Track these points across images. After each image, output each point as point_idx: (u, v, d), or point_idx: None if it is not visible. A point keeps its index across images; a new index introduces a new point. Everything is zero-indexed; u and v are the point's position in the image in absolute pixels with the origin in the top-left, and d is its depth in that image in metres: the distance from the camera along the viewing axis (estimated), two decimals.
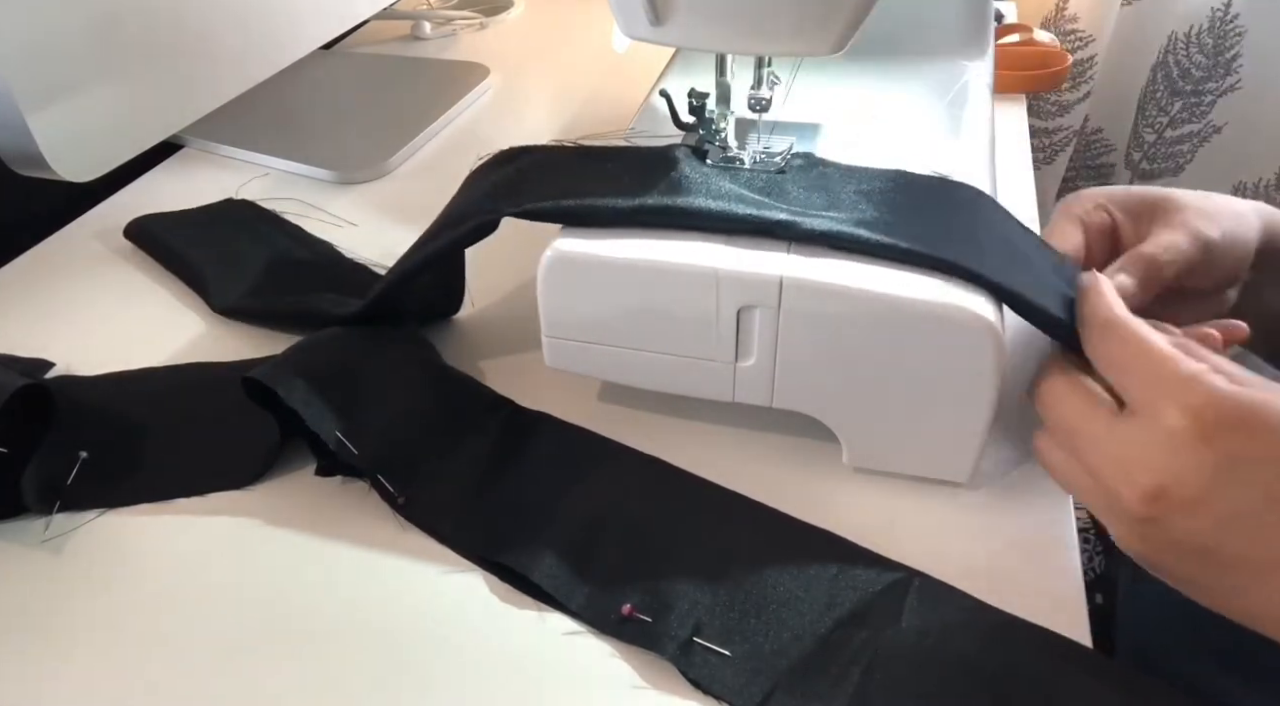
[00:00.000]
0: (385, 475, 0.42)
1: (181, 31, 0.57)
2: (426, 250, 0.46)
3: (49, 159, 0.49)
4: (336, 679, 0.36)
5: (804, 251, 0.40)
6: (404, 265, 0.47)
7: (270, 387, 0.42)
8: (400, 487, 0.42)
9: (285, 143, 0.71)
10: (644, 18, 0.41)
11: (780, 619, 0.37)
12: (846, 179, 0.43)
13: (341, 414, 0.42)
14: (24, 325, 0.55)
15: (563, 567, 0.39)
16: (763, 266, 0.39)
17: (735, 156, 0.46)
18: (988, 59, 0.56)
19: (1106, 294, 0.37)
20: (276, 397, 0.42)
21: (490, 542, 0.40)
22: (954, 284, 0.38)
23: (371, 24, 0.93)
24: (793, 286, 0.39)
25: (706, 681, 0.35)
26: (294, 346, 0.46)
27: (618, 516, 0.41)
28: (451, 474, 0.43)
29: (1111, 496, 0.33)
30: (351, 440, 0.42)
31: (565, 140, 0.48)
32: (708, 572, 0.39)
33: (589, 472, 0.44)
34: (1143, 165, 1.17)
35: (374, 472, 0.42)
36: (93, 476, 0.44)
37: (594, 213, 0.42)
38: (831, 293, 0.38)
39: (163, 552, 0.41)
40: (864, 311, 0.38)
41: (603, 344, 0.43)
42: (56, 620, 0.39)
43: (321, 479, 0.44)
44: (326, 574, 0.40)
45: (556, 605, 0.38)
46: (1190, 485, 0.31)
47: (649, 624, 0.37)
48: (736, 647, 0.36)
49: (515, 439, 0.45)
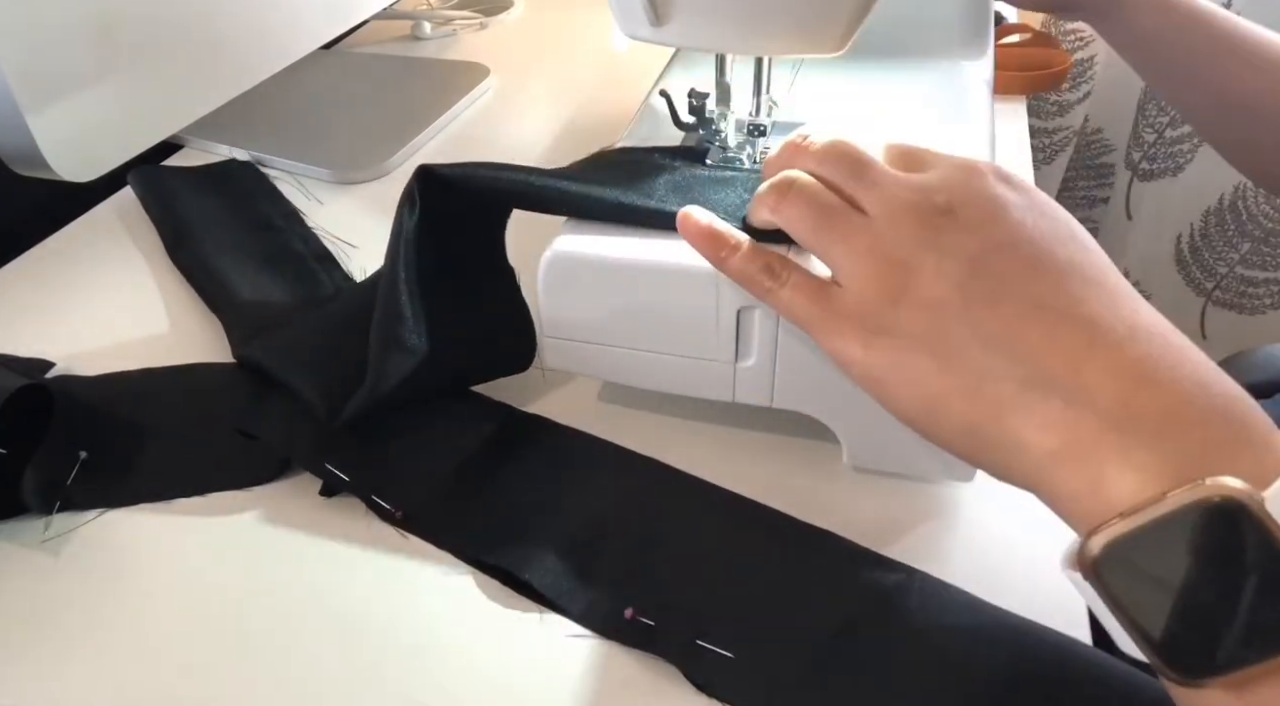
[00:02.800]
0: (379, 493, 0.42)
1: (181, 31, 0.57)
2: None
3: (49, 159, 0.49)
4: (337, 680, 0.36)
5: (804, 251, 0.40)
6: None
7: (253, 436, 0.43)
8: (397, 501, 0.42)
9: (285, 142, 0.71)
10: (644, 18, 0.41)
11: (783, 620, 0.37)
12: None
13: (329, 440, 0.43)
14: (24, 325, 0.55)
15: (564, 572, 0.39)
16: None
17: (735, 157, 0.46)
18: (988, 59, 0.56)
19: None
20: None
21: (491, 547, 0.40)
22: None
23: (371, 24, 0.93)
24: None
25: (710, 683, 0.35)
26: (278, 373, 0.47)
27: (619, 519, 0.41)
28: (449, 481, 0.43)
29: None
30: (339, 461, 0.42)
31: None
32: (710, 574, 0.39)
33: (589, 476, 0.44)
34: (1143, 165, 1.17)
35: (368, 494, 0.42)
36: (93, 476, 0.44)
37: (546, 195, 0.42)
38: None
39: (163, 553, 0.41)
40: None
41: (602, 344, 0.43)
42: (56, 620, 0.39)
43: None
44: (327, 575, 0.40)
45: (558, 609, 0.38)
46: (924, 267, 0.31)
47: (652, 627, 0.37)
48: (739, 649, 0.36)
49: (513, 443, 0.45)
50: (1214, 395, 0.27)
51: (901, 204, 0.32)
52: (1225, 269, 1.19)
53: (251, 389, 0.48)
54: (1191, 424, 0.27)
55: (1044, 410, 0.28)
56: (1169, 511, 0.25)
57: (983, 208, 0.32)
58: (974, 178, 0.33)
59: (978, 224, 0.31)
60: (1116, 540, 0.26)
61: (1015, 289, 0.30)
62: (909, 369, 0.31)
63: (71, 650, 0.38)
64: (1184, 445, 0.26)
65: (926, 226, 0.32)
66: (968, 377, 0.30)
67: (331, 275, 0.57)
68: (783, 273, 0.34)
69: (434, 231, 0.43)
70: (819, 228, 0.33)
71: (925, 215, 0.32)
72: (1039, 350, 0.29)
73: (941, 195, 0.32)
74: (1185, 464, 0.26)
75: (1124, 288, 0.30)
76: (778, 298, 0.34)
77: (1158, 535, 0.25)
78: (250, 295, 0.54)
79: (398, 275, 0.43)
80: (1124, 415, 0.27)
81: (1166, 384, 0.27)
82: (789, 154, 0.36)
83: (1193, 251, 1.21)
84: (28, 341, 0.53)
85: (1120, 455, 0.27)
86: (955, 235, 0.31)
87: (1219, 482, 0.25)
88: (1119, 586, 0.26)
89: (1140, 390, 0.27)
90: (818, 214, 0.33)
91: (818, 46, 0.40)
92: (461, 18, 0.93)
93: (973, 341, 0.30)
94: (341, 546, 0.41)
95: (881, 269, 0.32)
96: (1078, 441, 0.27)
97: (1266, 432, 0.27)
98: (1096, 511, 0.27)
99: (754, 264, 0.35)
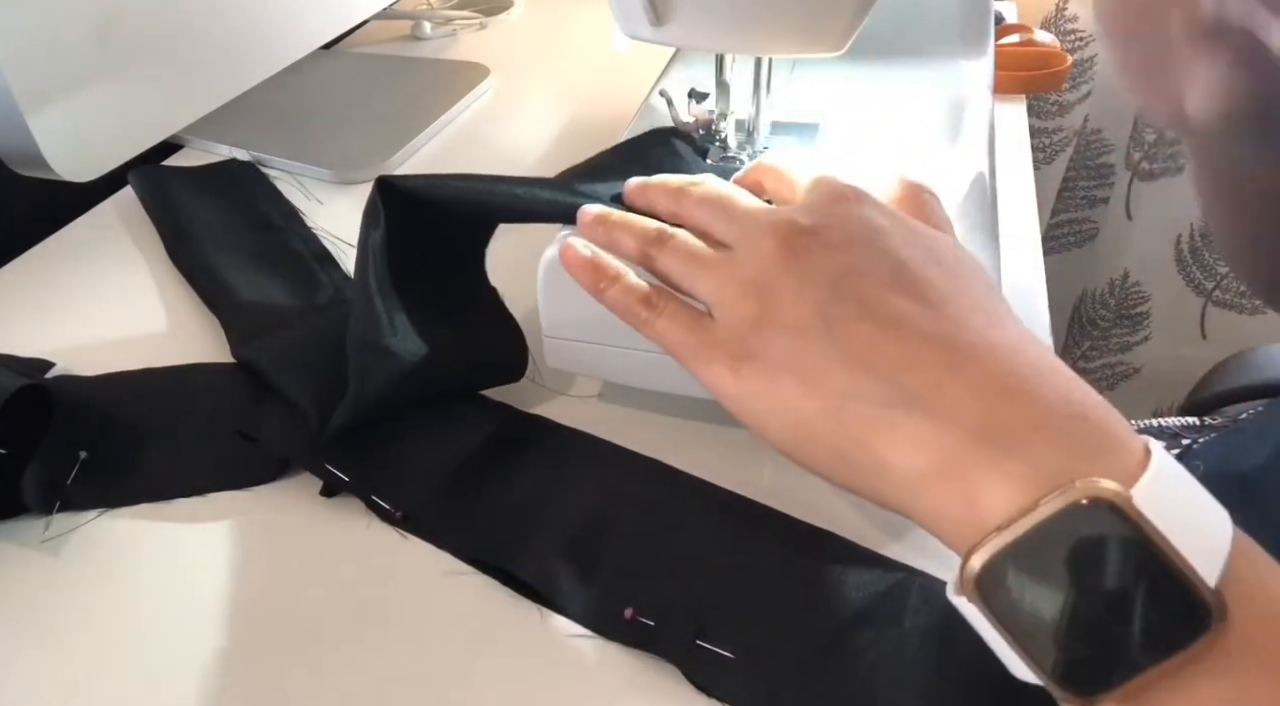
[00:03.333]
0: (379, 493, 0.42)
1: (182, 31, 0.57)
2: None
3: (49, 159, 0.49)
4: (337, 681, 0.36)
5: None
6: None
7: (253, 438, 0.43)
8: (396, 501, 0.42)
9: (285, 142, 0.71)
10: (644, 18, 0.41)
11: (783, 620, 0.37)
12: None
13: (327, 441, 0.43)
14: (24, 325, 0.55)
15: (564, 572, 0.39)
16: None
17: (735, 156, 0.46)
18: (987, 59, 0.56)
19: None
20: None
21: (491, 547, 0.40)
22: None
23: (371, 24, 0.93)
24: None
25: (710, 684, 0.35)
26: (276, 380, 0.46)
27: (619, 519, 0.41)
28: (449, 481, 0.43)
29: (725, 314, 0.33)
30: (339, 462, 0.42)
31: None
32: (710, 575, 0.39)
33: (589, 476, 0.44)
34: (1143, 165, 1.17)
35: (368, 494, 0.42)
36: (93, 476, 0.44)
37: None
38: None
39: (162, 552, 0.41)
40: None
41: (602, 344, 0.43)
42: (56, 620, 0.39)
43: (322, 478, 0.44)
44: (327, 575, 0.40)
45: (558, 609, 0.38)
46: (784, 289, 0.31)
47: (652, 627, 0.37)
48: (740, 650, 0.36)
49: (512, 443, 0.45)
50: (1075, 402, 0.27)
51: (763, 229, 0.33)
52: (1225, 269, 1.19)
53: (251, 389, 0.48)
54: (1056, 431, 0.27)
55: (909, 428, 0.28)
56: (1043, 519, 0.25)
57: (845, 229, 0.32)
58: (838, 203, 0.33)
59: (839, 245, 0.32)
60: (996, 555, 0.25)
61: (876, 308, 0.30)
62: (775, 394, 0.31)
63: (71, 649, 0.38)
64: (1051, 452, 0.26)
65: (787, 249, 0.32)
66: (831, 398, 0.29)
67: (331, 275, 0.57)
68: (659, 303, 0.34)
69: (405, 243, 0.43)
70: (687, 271, 0.34)
71: (786, 238, 0.32)
72: (900, 367, 0.29)
73: (805, 218, 0.33)
74: (1055, 470, 0.26)
75: (992, 306, 0.31)
76: (653, 328, 0.34)
77: (1036, 545, 0.25)
78: (249, 295, 0.54)
79: (369, 285, 0.42)
80: (989, 428, 0.27)
81: (1029, 396, 0.27)
82: (671, 195, 0.37)
83: (1193, 251, 1.21)
84: (28, 341, 0.53)
85: (990, 467, 0.27)
86: (816, 256, 0.31)
87: (1089, 484, 0.25)
88: (1004, 605, 0.26)
89: (1003, 403, 0.27)
90: (685, 259, 0.34)
91: (818, 46, 0.40)
92: (461, 18, 0.93)
93: (834, 361, 0.30)
94: (341, 547, 0.41)
95: (744, 293, 0.32)
96: (945, 458, 0.27)
97: (1128, 435, 0.27)
98: (973, 529, 0.26)
99: (631, 296, 0.35)
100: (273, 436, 0.44)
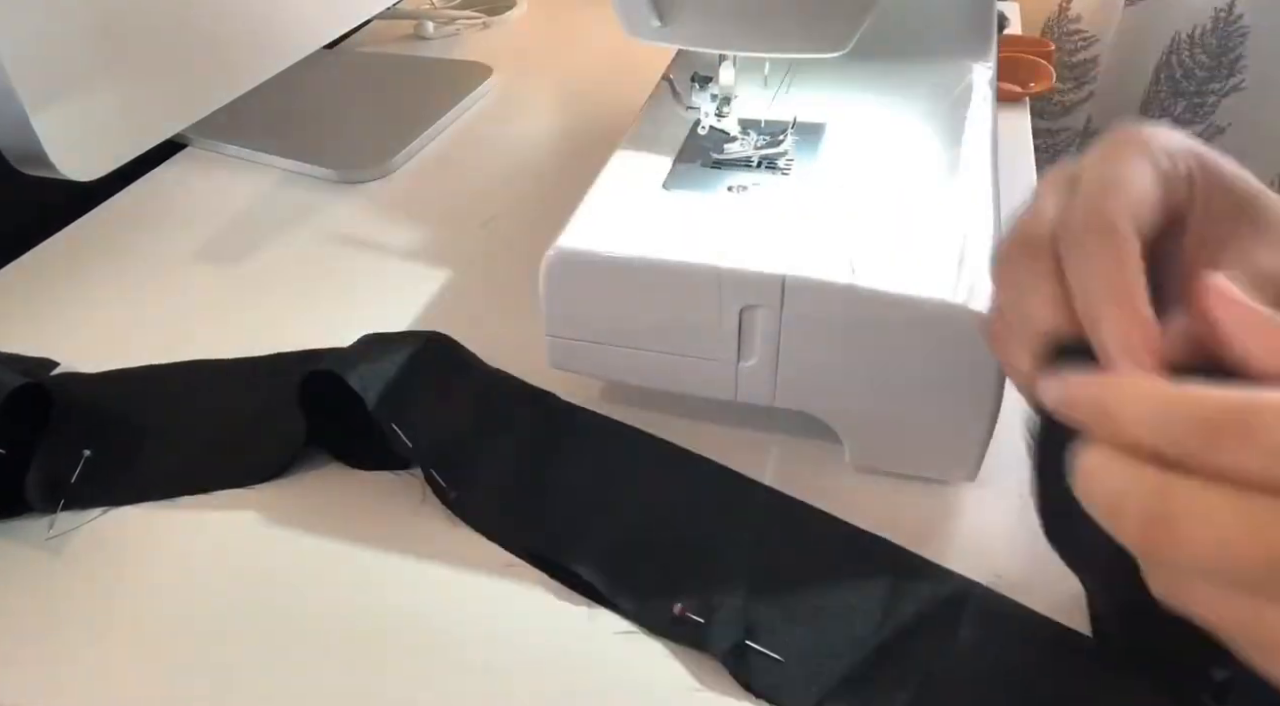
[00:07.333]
0: (437, 470, 0.42)
1: (185, 31, 0.57)
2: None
3: (53, 158, 0.49)
4: (343, 680, 0.36)
5: (806, 250, 0.40)
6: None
7: (339, 374, 0.42)
8: (450, 483, 0.42)
9: (288, 142, 0.71)
10: (647, 17, 0.41)
11: (834, 625, 0.36)
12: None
13: (395, 407, 0.43)
14: (28, 324, 0.55)
15: (614, 566, 0.39)
16: (765, 265, 0.39)
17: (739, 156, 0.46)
18: (991, 59, 0.56)
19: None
20: (315, 397, 0.42)
21: (540, 539, 0.40)
22: (957, 281, 0.38)
23: (375, 23, 0.93)
24: (795, 286, 0.39)
25: (757, 685, 0.35)
26: (351, 347, 0.45)
27: (669, 514, 0.41)
28: (497, 469, 0.43)
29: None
30: (405, 432, 0.42)
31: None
32: (761, 575, 0.38)
33: (640, 472, 0.43)
34: None
35: (428, 467, 0.42)
36: (97, 474, 0.44)
37: None
38: (834, 292, 0.38)
39: (166, 550, 0.42)
40: (866, 310, 0.38)
41: (605, 343, 0.44)
42: (60, 617, 0.39)
43: (327, 476, 0.44)
44: (332, 573, 0.40)
45: (607, 604, 0.38)
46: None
47: (701, 625, 0.36)
48: (789, 652, 0.35)
49: (558, 432, 0.45)
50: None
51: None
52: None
53: (252, 387, 0.48)
54: None
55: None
56: None
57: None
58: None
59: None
60: None
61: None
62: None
63: (75, 648, 0.38)
64: None
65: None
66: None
67: None
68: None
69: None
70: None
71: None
72: None
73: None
74: None
75: None
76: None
77: None
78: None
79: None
80: None
81: None
82: (1210, 434, 0.20)
83: None
84: (31, 340, 0.53)
85: None
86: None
87: None
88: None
89: None
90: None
91: (820, 46, 0.41)
92: (464, 17, 0.93)
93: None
94: (347, 544, 0.41)
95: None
96: None
97: None
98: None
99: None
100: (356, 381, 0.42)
